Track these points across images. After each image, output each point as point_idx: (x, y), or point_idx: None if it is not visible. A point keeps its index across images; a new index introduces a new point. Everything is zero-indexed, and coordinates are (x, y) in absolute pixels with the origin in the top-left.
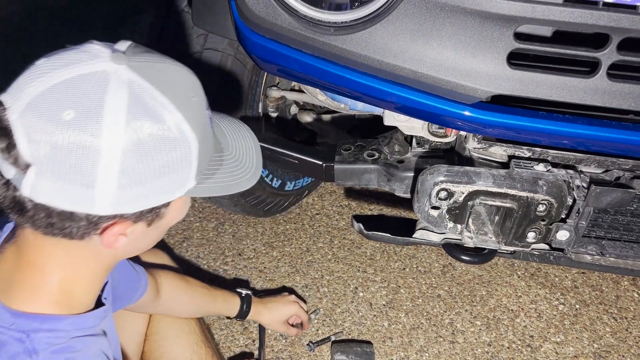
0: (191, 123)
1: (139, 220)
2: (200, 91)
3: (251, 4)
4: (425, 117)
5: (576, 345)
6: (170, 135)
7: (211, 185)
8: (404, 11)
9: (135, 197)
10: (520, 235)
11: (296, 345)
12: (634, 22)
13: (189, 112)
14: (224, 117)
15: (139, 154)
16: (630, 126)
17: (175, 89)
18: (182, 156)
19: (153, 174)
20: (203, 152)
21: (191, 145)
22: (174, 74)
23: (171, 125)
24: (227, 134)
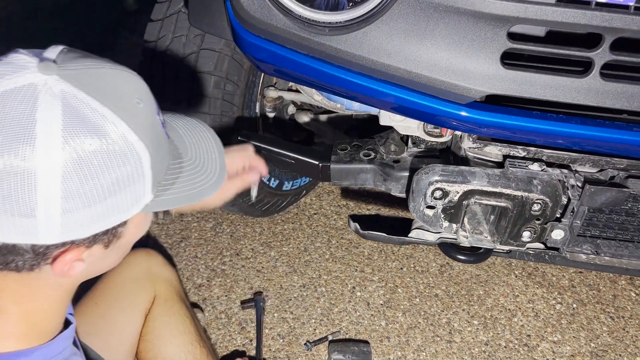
0: (139, 132)
1: (94, 244)
2: (146, 94)
3: (246, 4)
4: (419, 117)
5: (573, 345)
6: (116, 149)
7: (171, 196)
8: (398, 11)
9: (85, 221)
10: (516, 235)
11: (294, 345)
12: (626, 21)
13: (135, 121)
14: (180, 118)
15: (82, 175)
16: (624, 125)
17: (116, 97)
18: (132, 170)
19: (102, 193)
20: (157, 162)
21: (142, 157)
22: (114, 79)
23: (116, 138)
24: (185, 137)
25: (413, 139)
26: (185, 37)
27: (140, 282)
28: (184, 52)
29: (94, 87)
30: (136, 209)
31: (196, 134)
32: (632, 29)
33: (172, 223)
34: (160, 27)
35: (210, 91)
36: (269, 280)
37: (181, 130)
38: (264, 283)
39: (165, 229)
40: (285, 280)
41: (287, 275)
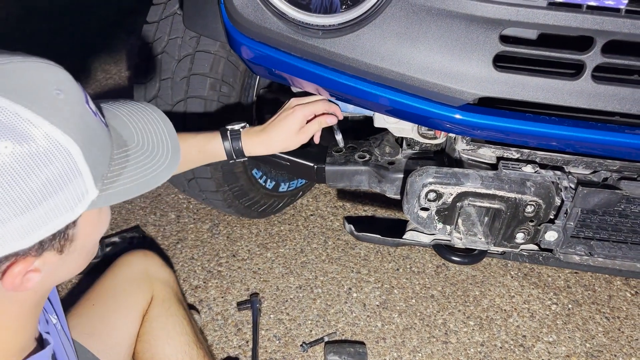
0: (62, 126)
1: (43, 251)
2: (68, 84)
3: (240, 7)
4: (413, 120)
5: (568, 345)
6: (38, 149)
7: (121, 187)
8: (391, 14)
9: (22, 230)
10: (509, 236)
11: (290, 346)
12: (617, 24)
13: (56, 114)
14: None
15: (5, 182)
16: (616, 128)
17: (30, 91)
18: (64, 168)
19: (34, 198)
20: (94, 155)
21: (71, 152)
22: (25, 72)
23: (36, 137)
24: (130, 123)
25: (408, 140)
26: (180, 39)
27: (138, 283)
28: (180, 54)
29: (2, 85)
30: (81, 208)
31: (142, 117)
32: (623, 31)
33: (169, 224)
34: (156, 29)
35: (205, 93)
36: (265, 282)
37: (125, 117)
38: (260, 284)
39: (161, 230)
40: (281, 282)
41: (284, 276)
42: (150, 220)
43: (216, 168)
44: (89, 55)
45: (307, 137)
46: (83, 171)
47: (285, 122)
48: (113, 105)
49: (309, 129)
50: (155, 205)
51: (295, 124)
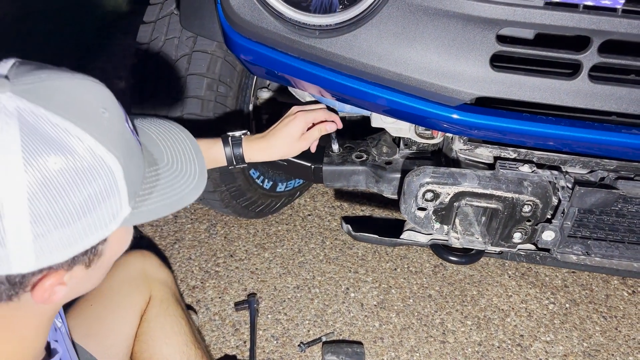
0: (107, 144)
1: (74, 266)
2: (111, 103)
3: (237, 7)
4: (410, 120)
5: (566, 344)
6: (84, 165)
7: (152, 206)
8: (388, 14)
9: (60, 244)
10: (507, 236)
11: (287, 346)
12: (614, 24)
13: (102, 132)
14: (153, 121)
15: (50, 196)
16: (613, 127)
17: (78, 108)
18: (105, 185)
19: (74, 213)
20: (131, 173)
21: (113, 169)
22: (74, 89)
23: (83, 153)
24: (160, 141)
25: (405, 140)
26: (177, 39)
27: (136, 283)
28: (177, 54)
29: (53, 101)
30: (115, 225)
31: (171, 136)
32: (620, 31)
33: (166, 225)
34: (153, 29)
35: (203, 93)
36: (263, 282)
37: (154, 135)
38: (258, 284)
39: (159, 230)
40: (279, 282)
41: (281, 276)
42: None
43: (213, 168)
44: (86, 55)
45: (307, 144)
46: (121, 189)
47: (286, 128)
48: (144, 122)
49: (310, 136)
50: None
51: (297, 130)
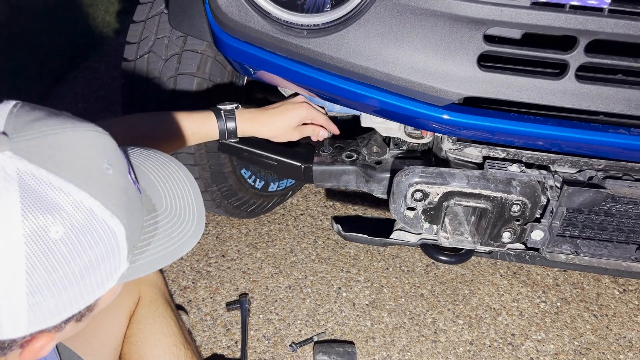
0: (111, 206)
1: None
2: (115, 155)
3: (224, 7)
4: (398, 119)
5: (557, 343)
6: (86, 231)
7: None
8: (375, 14)
9: (55, 310)
10: (496, 236)
11: (279, 346)
12: (600, 24)
13: (106, 192)
14: (150, 157)
15: (49, 266)
16: (600, 127)
17: (82, 167)
18: (107, 248)
19: (72, 279)
20: (132, 229)
21: (116, 232)
22: (77, 144)
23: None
24: (159, 184)
25: (395, 140)
26: (167, 38)
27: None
28: (167, 53)
29: (54, 160)
30: (112, 283)
31: (169, 177)
32: (606, 31)
33: None
34: (143, 29)
35: (193, 93)
36: (255, 282)
37: (153, 176)
38: (250, 284)
39: None
40: (271, 282)
41: (273, 276)
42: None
43: (204, 168)
44: (78, 54)
45: (298, 136)
46: (122, 249)
47: (287, 112)
48: (141, 159)
49: (304, 131)
50: None
51: (296, 119)
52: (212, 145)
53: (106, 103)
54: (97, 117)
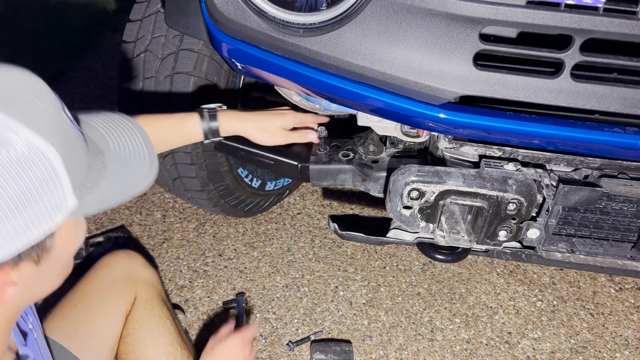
0: (42, 132)
1: (20, 262)
2: (45, 91)
3: (220, 6)
4: (394, 118)
5: (553, 341)
6: (19, 157)
7: (99, 195)
8: (371, 13)
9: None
10: (492, 234)
11: (276, 345)
12: (595, 23)
13: (36, 120)
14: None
15: None
16: (595, 125)
17: (9, 98)
18: (43, 175)
19: (12, 208)
20: (73, 162)
21: (51, 159)
22: (3, 79)
23: (16, 143)
24: (106, 133)
25: (391, 139)
26: (164, 37)
27: (121, 283)
28: (163, 52)
29: None
30: (60, 217)
31: (118, 128)
32: (601, 30)
33: (155, 224)
34: (139, 28)
35: (189, 92)
36: (252, 281)
37: (100, 127)
38: (247, 284)
39: (147, 230)
40: (267, 281)
41: (270, 275)
42: (136, 219)
43: (201, 167)
44: (75, 54)
45: (282, 141)
46: (62, 178)
47: (271, 116)
48: (88, 116)
49: (288, 136)
50: (141, 204)
51: (280, 123)
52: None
53: (103, 102)
54: None
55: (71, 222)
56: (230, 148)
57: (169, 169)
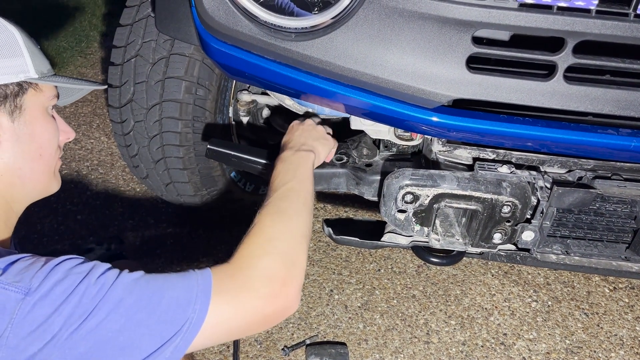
0: (9, 22)
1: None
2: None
3: (212, 10)
4: (387, 122)
5: (548, 342)
6: None
7: (55, 81)
8: (363, 17)
9: None
10: (487, 237)
11: (271, 350)
12: (588, 25)
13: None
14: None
15: None
16: (588, 128)
17: None
18: (6, 40)
19: None
20: (33, 50)
21: (12, 31)
22: None
23: None
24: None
25: (385, 142)
26: (154, 42)
27: None
28: (154, 57)
29: None
30: (22, 76)
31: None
32: (594, 32)
33: (148, 229)
34: (130, 32)
35: (181, 96)
36: None
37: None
38: None
39: (140, 235)
40: None
41: None
42: (129, 225)
43: (193, 172)
44: (65, 58)
45: None
46: (24, 52)
47: None
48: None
49: None
50: (134, 210)
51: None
52: (201, 149)
53: (93, 107)
54: (85, 120)
55: (40, 105)
56: (221, 155)
57: (161, 174)
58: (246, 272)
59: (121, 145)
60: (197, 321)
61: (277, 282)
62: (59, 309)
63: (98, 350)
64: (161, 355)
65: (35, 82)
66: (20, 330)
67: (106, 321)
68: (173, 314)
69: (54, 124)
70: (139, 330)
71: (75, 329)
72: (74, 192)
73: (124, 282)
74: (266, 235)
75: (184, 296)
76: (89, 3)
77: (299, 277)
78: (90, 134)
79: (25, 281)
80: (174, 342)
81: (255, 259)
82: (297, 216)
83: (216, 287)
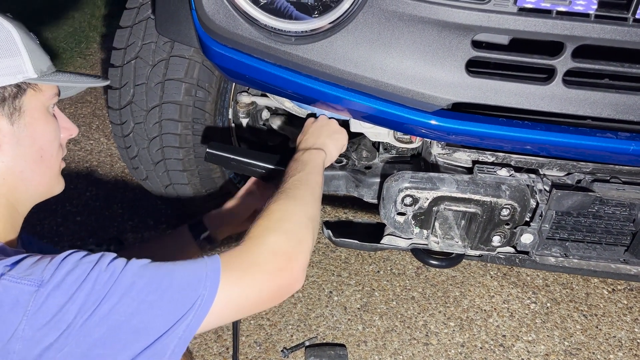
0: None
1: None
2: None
3: (212, 13)
4: (387, 125)
5: (547, 344)
6: None
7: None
8: (363, 21)
9: None
10: (486, 240)
11: (270, 352)
12: (587, 30)
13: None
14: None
15: None
16: (587, 131)
17: None
18: (3, 40)
19: None
20: (32, 48)
21: (11, 32)
22: None
23: None
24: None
25: (384, 145)
26: (154, 44)
27: None
28: (154, 59)
29: None
30: (21, 77)
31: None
32: (593, 36)
33: (147, 231)
34: (130, 34)
35: (181, 98)
36: None
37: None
38: None
39: (139, 236)
40: None
41: None
42: (129, 226)
43: (193, 174)
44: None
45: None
46: (22, 52)
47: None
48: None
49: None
50: (133, 211)
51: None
52: (201, 151)
53: (93, 108)
54: (84, 122)
55: (41, 106)
56: (221, 158)
57: (161, 176)
58: (253, 250)
59: (121, 146)
60: (208, 298)
61: (283, 257)
62: (72, 298)
63: (112, 335)
64: (174, 333)
65: (35, 82)
66: (35, 322)
67: (119, 305)
68: (185, 293)
69: (55, 124)
70: (152, 311)
71: (90, 316)
72: (74, 193)
73: (134, 267)
74: (273, 217)
75: (194, 275)
76: (88, 4)
77: (304, 254)
78: (90, 135)
79: (36, 274)
80: (186, 319)
81: (261, 238)
82: (303, 201)
83: (225, 266)
